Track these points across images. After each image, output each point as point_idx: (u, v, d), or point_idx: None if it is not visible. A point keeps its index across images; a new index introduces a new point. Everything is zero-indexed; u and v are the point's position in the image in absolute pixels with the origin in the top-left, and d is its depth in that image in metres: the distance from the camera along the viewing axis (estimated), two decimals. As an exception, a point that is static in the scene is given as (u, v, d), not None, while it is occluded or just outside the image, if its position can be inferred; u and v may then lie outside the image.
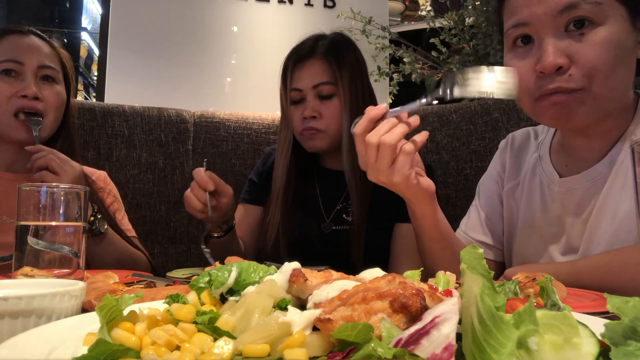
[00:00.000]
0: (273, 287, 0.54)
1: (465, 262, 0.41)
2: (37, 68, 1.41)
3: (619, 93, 0.98)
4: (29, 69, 1.40)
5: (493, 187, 1.30)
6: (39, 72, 1.42)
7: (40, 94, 1.39)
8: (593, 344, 0.38)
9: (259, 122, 2.14)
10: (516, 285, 0.61)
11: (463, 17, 2.40)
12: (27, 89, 1.37)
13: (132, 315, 0.49)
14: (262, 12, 3.44)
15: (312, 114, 1.49)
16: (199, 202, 1.31)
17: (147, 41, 3.21)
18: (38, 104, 1.38)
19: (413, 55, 2.57)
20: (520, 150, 1.28)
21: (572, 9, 0.93)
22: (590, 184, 1.06)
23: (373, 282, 0.50)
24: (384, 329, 0.40)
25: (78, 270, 0.90)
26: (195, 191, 1.31)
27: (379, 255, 1.52)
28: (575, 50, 0.94)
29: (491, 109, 1.89)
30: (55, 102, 1.43)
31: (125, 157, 2.02)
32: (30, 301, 0.55)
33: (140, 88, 3.16)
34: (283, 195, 1.54)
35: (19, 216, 0.89)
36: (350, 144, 1.48)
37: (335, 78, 1.49)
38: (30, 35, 1.46)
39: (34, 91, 1.37)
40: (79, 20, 8.25)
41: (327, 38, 1.57)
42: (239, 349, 0.43)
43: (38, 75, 1.42)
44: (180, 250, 2.06)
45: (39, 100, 1.39)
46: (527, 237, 1.19)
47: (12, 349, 0.41)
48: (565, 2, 0.94)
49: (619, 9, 0.94)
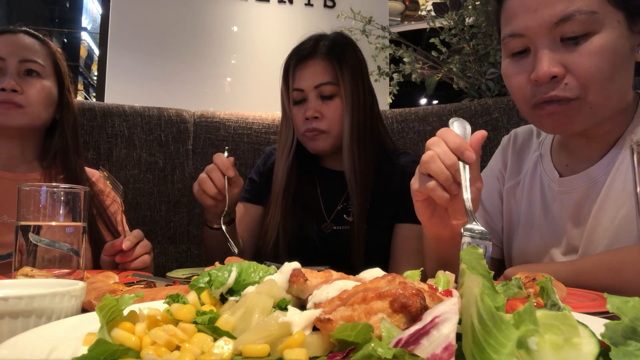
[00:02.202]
0: (273, 287, 0.54)
1: (465, 262, 0.41)
2: (19, 62, 1.42)
3: (616, 99, 0.99)
4: (10, 64, 1.41)
5: (494, 184, 1.31)
6: (21, 66, 1.43)
7: (20, 87, 1.40)
8: (593, 344, 0.38)
9: (259, 122, 2.14)
10: (519, 281, 0.61)
11: (463, 17, 2.40)
12: (5, 82, 1.38)
13: (132, 315, 0.49)
14: (262, 12, 3.44)
15: (315, 115, 1.49)
16: (214, 187, 1.30)
17: (147, 41, 3.21)
18: (15, 96, 1.39)
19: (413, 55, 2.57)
20: (522, 148, 1.28)
21: (567, 20, 0.93)
22: (590, 184, 1.06)
23: (373, 282, 0.50)
24: (384, 329, 0.40)
25: (78, 270, 0.90)
26: (213, 174, 1.31)
27: (380, 255, 1.52)
28: (571, 60, 0.94)
29: (491, 109, 1.89)
30: (38, 96, 1.44)
31: (125, 157, 2.02)
32: (30, 301, 0.55)
33: (140, 88, 3.16)
34: (283, 196, 1.54)
35: (19, 216, 0.89)
36: (351, 144, 1.49)
37: (337, 78, 1.49)
38: (19, 34, 1.47)
39: (11, 84, 1.38)
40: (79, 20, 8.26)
41: (329, 38, 1.57)
42: (239, 349, 0.43)
43: (21, 70, 1.43)
44: (180, 250, 2.06)
45: (17, 92, 1.39)
46: (528, 237, 1.19)
47: (12, 349, 0.41)
48: (559, 14, 0.93)
49: (616, 15, 0.94)
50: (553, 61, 0.95)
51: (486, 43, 2.32)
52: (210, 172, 1.33)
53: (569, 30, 0.94)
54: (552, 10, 0.94)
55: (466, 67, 2.38)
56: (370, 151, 1.52)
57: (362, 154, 1.48)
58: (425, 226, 1.05)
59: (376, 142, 1.57)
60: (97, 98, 3.32)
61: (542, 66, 0.95)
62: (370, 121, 1.53)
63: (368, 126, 1.52)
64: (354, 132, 1.48)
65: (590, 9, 0.92)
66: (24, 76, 1.43)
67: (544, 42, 0.96)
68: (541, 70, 0.95)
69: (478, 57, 2.35)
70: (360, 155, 1.48)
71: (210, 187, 1.32)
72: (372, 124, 1.54)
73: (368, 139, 1.51)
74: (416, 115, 2.03)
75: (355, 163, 1.48)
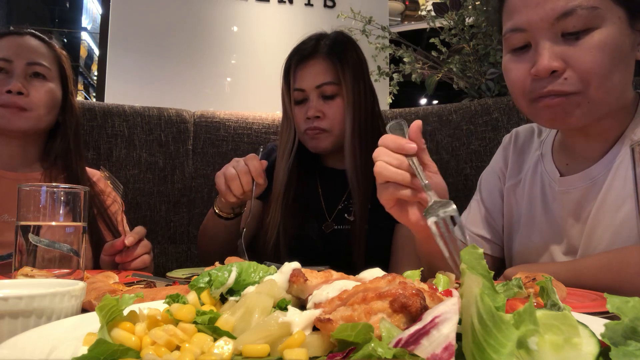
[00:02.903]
0: (273, 287, 0.54)
1: (466, 262, 0.41)
2: (26, 65, 1.43)
3: (616, 95, 0.99)
4: (17, 66, 1.41)
5: (495, 183, 1.31)
6: (28, 69, 1.43)
7: (27, 89, 1.40)
8: (593, 344, 0.38)
9: (259, 122, 2.14)
10: (519, 281, 0.61)
11: (463, 17, 2.40)
12: (11, 84, 1.38)
13: (132, 315, 0.49)
14: (262, 12, 3.44)
15: (316, 114, 1.49)
16: (241, 189, 1.31)
17: (147, 41, 3.21)
18: (20, 99, 1.39)
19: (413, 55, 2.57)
20: (523, 147, 1.28)
21: (568, 15, 0.93)
22: (590, 184, 1.06)
23: (373, 282, 0.50)
24: (384, 329, 0.40)
25: (78, 270, 0.90)
26: (244, 178, 1.31)
27: (380, 255, 1.52)
28: (571, 54, 0.94)
29: (491, 109, 1.89)
30: (44, 98, 1.44)
31: (125, 157, 2.02)
32: (30, 301, 0.55)
33: (140, 88, 3.16)
34: (284, 195, 1.54)
35: (19, 216, 0.89)
36: (353, 143, 1.49)
37: (339, 78, 1.49)
38: (26, 36, 1.48)
39: (18, 86, 1.38)
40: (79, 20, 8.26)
41: (329, 37, 1.56)
42: (239, 349, 0.43)
43: (28, 72, 1.43)
44: (180, 250, 2.06)
45: (23, 95, 1.39)
46: (528, 236, 1.19)
47: (12, 349, 0.41)
48: (561, 9, 0.94)
49: (617, 11, 0.94)
50: (553, 55, 0.95)
51: (486, 43, 2.32)
52: (241, 173, 1.31)
53: (570, 25, 0.94)
54: (553, 5, 0.95)
55: (466, 67, 2.38)
56: (371, 150, 1.51)
57: (363, 153, 1.48)
58: (412, 230, 1.06)
59: (377, 141, 1.57)
60: (97, 98, 3.32)
61: (543, 60, 0.95)
62: (371, 120, 1.53)
63: (369, 125, 1.52)
64: (355, 131, 1.48)
65: (592, 4, 0.93)
66: (30, 78, 1.43)
67: (545, 36, 0.96)
68: (541, 65, 0.95)
69: (478, 57, 2.35)
70: (362, 154, 1.48)
71: (238, 188, 1.31)
72: (373, 123, 1.54)
73: (369, 138, 1.51)
74: (416, 115, 2.03)
75: (357, 162, 1.48)
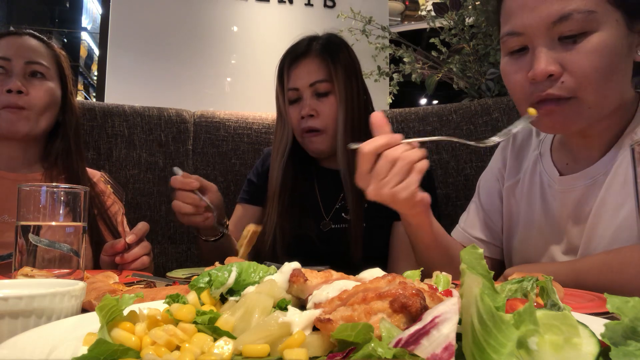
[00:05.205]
0: (273, 287, 0.54)
1: (465, 262, 0.41)
2: (25, 64, 1.43)
3: (613, 98, 0.99)
4: (16, 65, 1.42)
5: (493, 184, 1.31)
6: (27, 68, 1.43)
7: (26, 88, 1.40)
8: (593, 344, 0.38)
9: (259, 122, 2.14)
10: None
11: (463, 17, 2.40)
12: (11, 84, 1.39)
13: (132, 315, 0.49)
14: (262, 12, 3.44)
15: (310, 112, 1.50)
16: (188, 205, 1.30)
17: (147, 41, 3.21)
18: (20, 98, 1.39)
19: (413, 55, 2.57)
20: (521, 147, 1.28)
21: (565, 19, 0.93)
22: (590, 183, 1.06)
23: (373, 282, 0.50)
24: (384, 329, 0.40)
25: (78, 270, 0.90)
26: (180, 197, 1.30)
27: (378, 253, 1.52)
28: (568, 59, 0.94)
29: (491, 109, 1.89)
30: (43, 97, 1.44)
31: (125, 157, 2.01)
32: (30, 301, 0.55)
33: (140, 88, 3.16)
34: (279, 195, 1.54)
35: (19, 216, 0.89)
36: (345, 142, 1.49)
37: (331, 75, 1.51)
38: (25, 36, 1.48)
39: (17, 85, 1.39)
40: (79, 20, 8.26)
41: (322, 38, 1.59)
42: (239, 349, 0.43)
43: (26, 72, 1.43)
44: (180, 250, 2.06)
45: (22, 94, 1.39)
46: (528, 236, 1.19)
47: (12, 349, 0.41)
48: (557, 13, 0.94)
49: (614, 14, 0.94)
50: (550, 59, 0.95)
51: (486, 43, 2.32)
52: (177, 197, 1.31)
53: (567, 29, 0.94)
54: (550, 9, 0.94)
55: (466, 67, 2.38)
56: None
57: (356, 152, 1.48)
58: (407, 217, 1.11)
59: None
60: (97, 98, 3.32)
61: (539, 64, 0.95)
62: (365, 119, 1.53)
63: (362, 124, 1.52)
64: (347, 129, 1.49)
65: (588, 8, 0.92)
66: (29, 77, 1.44)
67: (542, 40, 0.96)
68: (538, 69, 0.95)
69: (478, 57, 2.35)
70: (354, 153, 1.48)
71: (185, 207, 1.30)
72: (366, 122, 1.54)
73: (362, 137, 1.51)
74: (416, 115, 2.03)
75: (350, 161, 1.48)
